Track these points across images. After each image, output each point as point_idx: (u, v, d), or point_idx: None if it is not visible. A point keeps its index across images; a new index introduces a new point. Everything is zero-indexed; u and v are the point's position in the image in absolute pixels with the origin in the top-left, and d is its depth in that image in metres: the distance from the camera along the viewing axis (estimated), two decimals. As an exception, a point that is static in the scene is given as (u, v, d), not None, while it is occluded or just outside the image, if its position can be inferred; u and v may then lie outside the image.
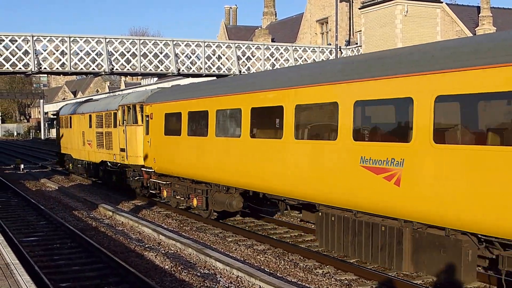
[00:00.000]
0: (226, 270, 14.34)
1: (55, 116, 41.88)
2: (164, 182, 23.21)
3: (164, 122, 22.64)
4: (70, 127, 36.95)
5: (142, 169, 25.02)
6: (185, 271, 14.33)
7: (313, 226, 17.99)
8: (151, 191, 25.03)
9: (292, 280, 13.55)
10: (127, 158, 26.16)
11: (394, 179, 12.04)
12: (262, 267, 14.68)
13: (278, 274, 14.03)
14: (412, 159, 11.67)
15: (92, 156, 32.11)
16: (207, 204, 20.37)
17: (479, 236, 10.87)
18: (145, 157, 24.49)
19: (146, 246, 17.38)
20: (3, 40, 36.37)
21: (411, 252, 12.60)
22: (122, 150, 26.79)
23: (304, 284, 13.27)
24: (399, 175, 11.92)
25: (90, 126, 32.17)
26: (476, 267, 11.85)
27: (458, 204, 10.69)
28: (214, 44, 42.05)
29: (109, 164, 29.40)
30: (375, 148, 12.62)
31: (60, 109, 41.97)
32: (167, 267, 14.75)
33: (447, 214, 10.94)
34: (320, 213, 15.14)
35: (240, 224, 20.68)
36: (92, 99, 41.32)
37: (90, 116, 32.28)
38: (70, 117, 36.98)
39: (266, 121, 16.95)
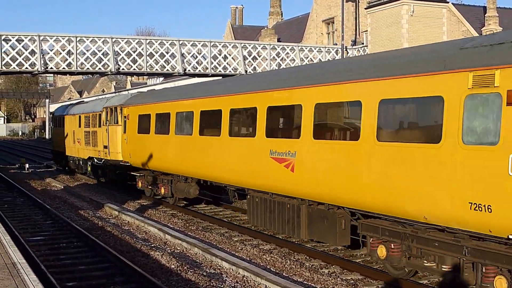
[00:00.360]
0: (232, 270, 14.34)
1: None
2: (138, 174, 26.74)
3: (138, 122, 26.07)
4: (63, 126, 39.72)
5: (121, 163, 28.04)
6: (191, 270, 14.33)
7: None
8: (128, 182, 28.50)
9: (298, 280, 13.55)
10: (109, 154, 29.22)
11: (290, 167, 15.30)
12: (268, 267, 14.68)
13: (284, 274, 14.03)
14: (301, 151, 14.94)
15: (81, 153, 35.22)
16: (172, 192, 23.81)
17: (349, 209, 14.11)
18: (123, 153, 27.77)
19: (152, 245, 17.39)
20: (10, 40, 36.45)
21: (307, 224, 15.73)
22: (105, 147, 29.80)
23: (310, 283, 13.26)
24: (293, 164, 15.18)
25: (80, 126, 35.25)
26: (349, 233, 14.85)
27: (332, 186, 14.01)
28: (220, 44, 42.06)
29: (95, 160, 32.19)
30: (278, 143, 15.98)
31: (55, 110, 46.10)
32: (173, 266, 14.76)
33: (326, 193, 14.30)
34: (248, 196, 18.20)
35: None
36: (83, 101, 44.26)
37: (79, 116, 35.41)
38: (63, 118, 39.94)
39: (211, 121, 19.98)
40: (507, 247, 10.37)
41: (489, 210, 10.03)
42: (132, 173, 27.28)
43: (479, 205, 10.19)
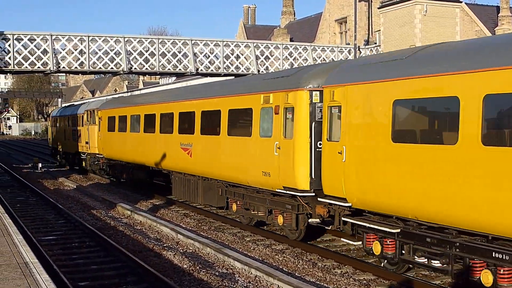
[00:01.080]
0: (245, 270, 14.31)
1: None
2: (109, 163, 33.32)
3: (107, 123, 32.55)
4: (57, 126, 47.88)
5: (97, 155, 34.77)
6: (204, 270, 14.31)
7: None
8: (102, 170, 35.33)
9: (311, 280, 13.50)
10: (89, 148, 36.45)
11: (189, 153, 22.21)
12: (281, 267, 14.65)
13: (296, 274, 13.99)
14: (195, 142, 21.93)
15: (70, 148, 42.62)
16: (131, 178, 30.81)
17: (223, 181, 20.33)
18: (98, 147, 34.12)
19: (165, 245, 17.38)
20: (22, 39, 36.56)
21: (203, 193, 21.89)
22: (87, 143, 36.88)
23: (322, 284, 13.22)
24: (191, 151, 22.10)
25: (69, 125, 43.20)
26: (225, 198, 20.66)
27: (210, 167, 20.83)
28: (232, 44, 42.00)
29: (80, 153, 39.00)
30: (184, 137, 22.77)
31: (51, 112, 56.92)
32: (185, 266, 14.74)
33: (210, 172, 20.94)
34: (172, 176, 24.74)
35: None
36: (73, 104, 54.40)
37: (68, 117, 43.49)
38: (57, 118, 47.98)
39: (149, 123, 26.81)
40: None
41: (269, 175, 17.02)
42: (104, 162, 34.08)
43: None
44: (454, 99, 11.12)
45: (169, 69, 39.90)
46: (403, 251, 13.00)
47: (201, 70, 40.67)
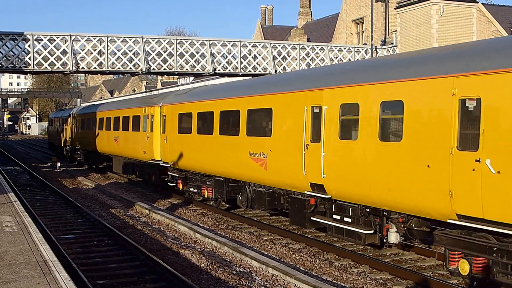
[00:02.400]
0: (262, 269, 14.36)
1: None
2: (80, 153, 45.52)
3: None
4: (53, 126, 60.51)
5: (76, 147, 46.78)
6: (221, 269, 14.38)
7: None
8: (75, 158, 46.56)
9: (327, 279, 13.53)
10: (70, 142, 48.82)
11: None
12: (298, 266, 14.69)
13: (313, 273, 14.02)
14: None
15: (61, 143, 53.79)
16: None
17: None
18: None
19: (182, 244, 17.48)
20: (42, 40, 36.87)
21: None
22: (66, 139, 49.98)
23: (339, 283, 13.24)
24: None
25: (60, 125, 54.55)
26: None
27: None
28: (250, 44, 42.07)
29: (67, 146, 50.27)
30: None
31: (50, 115, 72.55)
32: (203, 265, 14.81)
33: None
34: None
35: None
36: (65, 108, 69.56)
37: (59, 119, 55.46)
38: (53, 120, 61.06)
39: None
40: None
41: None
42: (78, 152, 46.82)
43: None
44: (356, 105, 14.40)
45: (187, 69, 40.06)
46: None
47: (219, 70, 40.79)
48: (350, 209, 15.24)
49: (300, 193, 17.05)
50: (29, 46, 36.45)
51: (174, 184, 26.31)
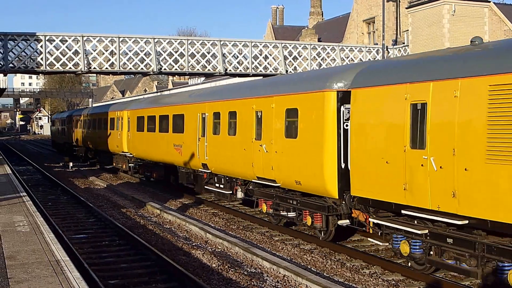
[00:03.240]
0: (273, 269, 14.34)
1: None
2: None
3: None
4: (54, 126, 71.63)
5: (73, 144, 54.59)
6: (232, 269, 14.37)
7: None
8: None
9: (339, 280, 13.49)
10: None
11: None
12: (309, 267, 14.65)
13: (325, 274, 13.98)
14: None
15: (62, 140, 62.17)
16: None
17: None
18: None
19: (194, 244, 17.49)
20: (54, 40, 37.01)
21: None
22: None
23: (351, 284, 13.20)
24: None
25: (60, 125, 63.98)
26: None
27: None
28: (261, 44, 42.07)
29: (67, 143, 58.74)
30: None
31: (53, 116, 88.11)
32: (214, 265, 14.81)
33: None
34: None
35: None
36: (65, 111, 78.55)
37: (59, 120, 65.28)
38: (54, 120, 72.72)
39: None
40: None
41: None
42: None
43: None
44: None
45: (198, 69, 40.10)
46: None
47: (230, 70, 40.80)
48: (222, 179, 22.82)
49: (198, 170, 24.76)
50: (41, 46, 36.61)
51: (136, 170, 34.64)
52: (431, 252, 13.06)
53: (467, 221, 11.66)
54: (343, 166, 15.49)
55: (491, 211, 11.07)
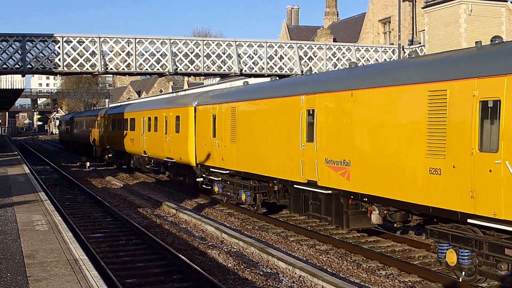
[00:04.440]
0: (289, 270, 14.36)
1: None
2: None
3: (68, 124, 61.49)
4: (61, 126, 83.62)
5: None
6: (248, 269, 14.41)
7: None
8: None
9: (355, 281, 13.48)
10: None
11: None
12: (325, 267, 14.64)
13: (341, 275, 13.97)
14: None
15: (66, 138, 73.19)
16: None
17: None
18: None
19: (209, 244, 17.54)
20: (71, 41, 37.24)
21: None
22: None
23: (367, 285, 13.19)
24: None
25: (65, 125, 75.96)
26: None
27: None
28: (276, 45, 42.06)
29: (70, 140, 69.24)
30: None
31: (60, 117, 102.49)
32: (230, 265, 14.86)
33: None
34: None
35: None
36: (67, 114, 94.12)
37: (65, 121, 77.87)
38: (61, 121, 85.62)
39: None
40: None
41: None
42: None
43: None
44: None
45: (213, 70, 40.18)
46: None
47: (245, 71, 40.84)
48: (152, 160, 33.98)
49: (142, 156, 35.31)
50: (58, 47, 36.85)
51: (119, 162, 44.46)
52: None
53: None
54: None
55: None
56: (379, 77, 15.15)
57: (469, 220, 12.00)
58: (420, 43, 48.24)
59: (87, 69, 37.79)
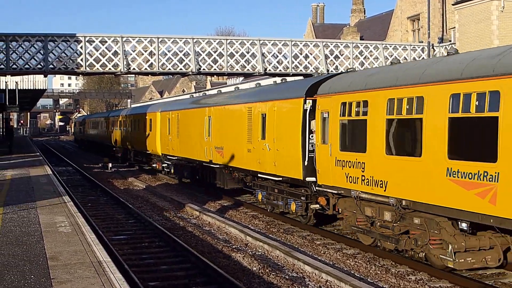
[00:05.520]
0: (315, 274, 14.05)
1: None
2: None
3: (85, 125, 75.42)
4: (76, 126, 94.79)
5: None
6: (273, 273, 14.12)
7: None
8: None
9: (384, 286, 13.17)
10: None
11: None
12: (352, 272, 14.31)
13: (369, 280, 13.63)
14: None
15: (80, 137, 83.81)
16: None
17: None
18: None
19: (233, 247, 17.27)
20: (93, 41, 37.21)
21: None
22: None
23: (396, 290, 12.82)
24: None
25: (78, 126, 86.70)
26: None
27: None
28: (301, 43, 41.66)
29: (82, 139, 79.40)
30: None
31: (74, 118, 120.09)
32: (254, 268, 14.58)
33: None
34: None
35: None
36: (79, 116, 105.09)
37: (78, 122, 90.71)
38: (75, 122, 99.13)
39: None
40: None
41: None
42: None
43: None
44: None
45: (237, 69, 39.90)
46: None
47: (269, 70, 40.52)
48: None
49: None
50: (81, 47, 36.84)
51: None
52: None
53: None
54: None
55: None
56: (232, 100, 26.58)
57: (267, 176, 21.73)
58: (450, 40, 47.54)
59: (110, 69, 37.73)
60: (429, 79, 13.45)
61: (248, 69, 40.14)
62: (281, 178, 20.43)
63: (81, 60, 36.85)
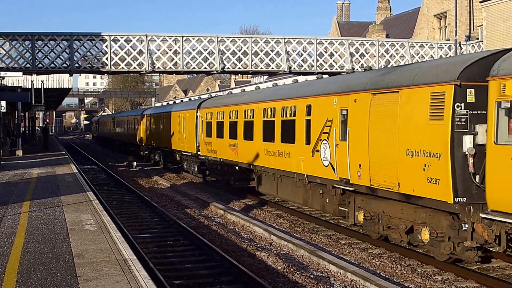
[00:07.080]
0: (340, 273, 13.96)
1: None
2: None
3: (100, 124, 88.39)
4: (93, 124, 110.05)
5: None
6: (298, 272, 14.07)
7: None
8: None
9: (410, 286, 13.05)
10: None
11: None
12: (378, 272, 14.20)
13: (394, 279, 13.51)
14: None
15: (96, 134, 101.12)
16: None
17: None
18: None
19: (258, 246, 17.23)
20: (118, 40, 37.42)
21: None
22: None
23: (423, 290, 12.70)
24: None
25: (95, 124, 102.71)
26: None
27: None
28: (326, 41, 41.52)
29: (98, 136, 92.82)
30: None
31: (92, 118, 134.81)
32: (279, 268, 14.53)
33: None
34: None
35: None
36: (94, 116, 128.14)
37: (94, 121, 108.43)
38: (92, 121, 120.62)
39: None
40: None
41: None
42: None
43: None
44: None
45: (261, 68, 39.88)
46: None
47: (294, 68, 40.44)
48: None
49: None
50: (106, 46, 37.08)
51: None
52: None
53: None
54: None
55: None
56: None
57: None
58: (477, 38, 47.06)
59: (134, 68, 37.93)
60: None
61: (272, 68, 40.10)
62: None
63: (106, 59, 37.10)
